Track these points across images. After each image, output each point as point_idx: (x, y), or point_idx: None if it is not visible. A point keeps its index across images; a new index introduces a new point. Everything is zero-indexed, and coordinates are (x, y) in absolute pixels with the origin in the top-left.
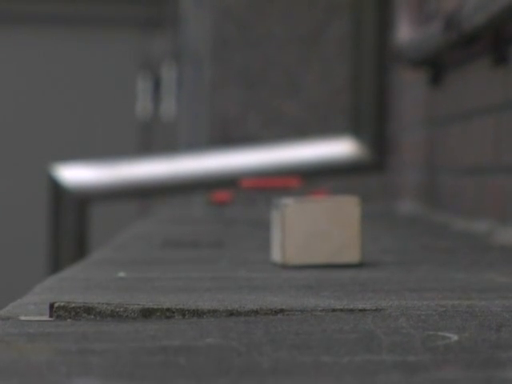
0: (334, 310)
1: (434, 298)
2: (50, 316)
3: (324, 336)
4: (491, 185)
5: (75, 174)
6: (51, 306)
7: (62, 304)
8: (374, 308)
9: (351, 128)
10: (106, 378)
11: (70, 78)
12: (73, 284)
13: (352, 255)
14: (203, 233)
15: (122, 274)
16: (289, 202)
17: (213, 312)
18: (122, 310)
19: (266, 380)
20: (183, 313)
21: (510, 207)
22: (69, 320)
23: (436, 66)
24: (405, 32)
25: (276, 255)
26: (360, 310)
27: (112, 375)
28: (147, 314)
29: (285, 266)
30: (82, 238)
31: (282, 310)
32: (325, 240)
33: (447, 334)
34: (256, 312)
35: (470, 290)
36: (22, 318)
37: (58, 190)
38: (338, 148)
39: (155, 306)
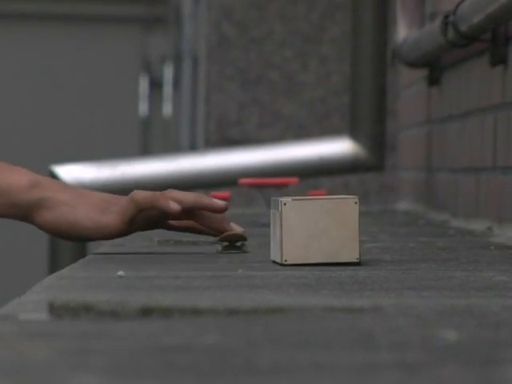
0: (332, 309)
1: (433, 297)
2: (49, 315)
3: (323, 335)
4: (490, 184)
5: (75, 174)
6: (50, 304)
7: (61, 303)
8: (373, 307)
9: (350, 128)
10: (105, 377)
11: (71, 77)
12: (72, 283)
13: (351, 254)
14: None
15: (121, 273)
16: (287, 200)
17: (212, 311)
18: (121, 308)
19: (264, 379)
20: (182, 311)
21: (508, 206)
22: (68, 319)
23: (434, 66)
24: (403, 32)
25: (275, 254)
26: (359, 309)
27: (111, 374)
28: (146, 312)
29: (283, 265)
30: None
31: (280, 309)
32: (324, 239)
33: (446, 333)
34: (255, 311)
35: (468, 289)
36: (21, 317)
37: None
38: (337, 148)
39: (154, 305)
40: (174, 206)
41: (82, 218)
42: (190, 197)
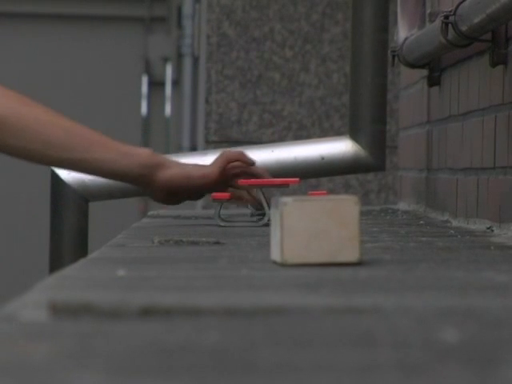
0: (333, 309)
1: (433, 297)
2: (50, 315)
3: (323, 335)
4: (490, 184)
5: (76, 174)
6: (51, 304)
7: (62, 303)
8: (373, 307)
9: (350, 128)
10: (105, 377)
11: (72, 77)
12: (72, 282)
13: (351, 254)
14: (202, 231)
15: (121, 273)
16: (288, 200)
17: (212, 311)
18: (121, 308)
19: (264, 379)
20: (183, 311)
21: (508, 206)
22: (68, 319)
23: (434, 66)
24: (404, 32)
25: (275, 254)
26: (359, 309)
27: (111, 374)
28: (147, 312)
29: (284, 265)
30: (83, 236)
31: (281, 309)
32: (324, 239)
33: (446, 333)
34: (255, 311)
35: (469, 289)
36: (21, 316)
37: (59, 189)
38: (337, 148)
39: (155, 305)
40: (252, 160)
41: (192, 171)
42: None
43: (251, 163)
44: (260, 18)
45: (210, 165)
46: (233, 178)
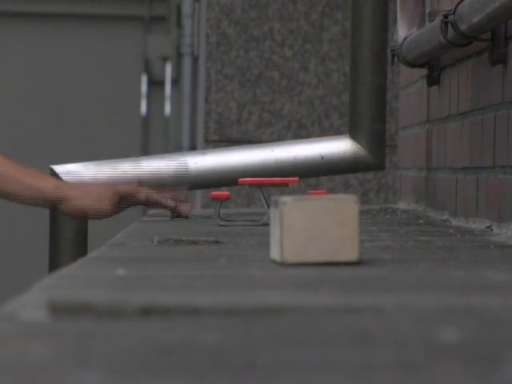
0: (332, 309)
1: (433, 296)
2: (49, 314)
3: (322, 334)
4: (489, 183)
5: (76, 173)
6: (50, 304)
7: (61, 302)
8: (373, 306)
9: (350, 127)
10: (105, 377)
11: (71, 76)
12: (72, 282)
13: (351, 253)
14: (202, 230)
15: (121, 272)
16: (287, 199)
17: (212, 310)
18: (121, 308)
19: (264, 378)
20: (182, 311)
21: (507, 205)
22: (67, 318)
23: (434, 65)
24: (403, 31)
25: (275, 253)
26: (358, 309)
27: (111, 374)
28: (146, 312)
29: (283, 264)
30: (83, 235)
31: (280, 308)
32: (323, 238)
33: (446, 333)
34: (255, 310)
35: (468, 288)
36: (21, 316)
37: None
38: (337, 147)
39: (154, 304)
40: (142, 197)
41: (87, 206)
42: (142, 192)
43: (143, 201)
44: (259, 17)
45: (105, 200)
46: (126, 208)
